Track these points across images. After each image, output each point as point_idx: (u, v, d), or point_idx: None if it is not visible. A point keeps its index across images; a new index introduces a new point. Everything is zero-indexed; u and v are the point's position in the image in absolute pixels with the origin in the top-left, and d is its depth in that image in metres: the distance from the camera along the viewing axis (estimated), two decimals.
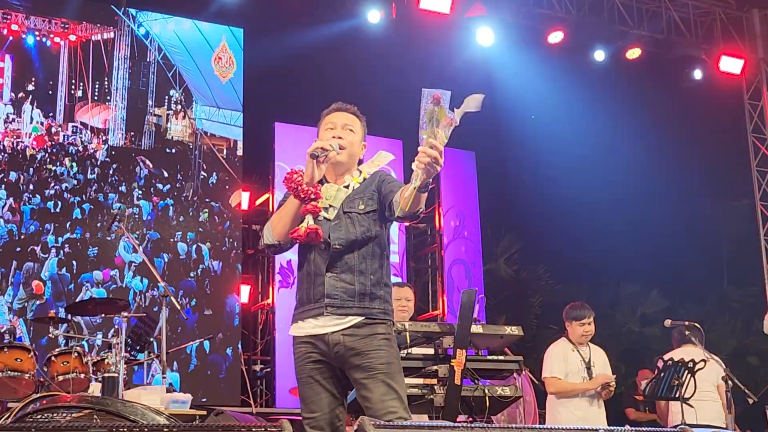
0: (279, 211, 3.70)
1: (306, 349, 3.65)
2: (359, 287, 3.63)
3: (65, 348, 7.14)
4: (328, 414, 3.62)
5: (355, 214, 3.71)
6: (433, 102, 3.25)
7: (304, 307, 3.68)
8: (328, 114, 3.92)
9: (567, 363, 6.53)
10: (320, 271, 3.64)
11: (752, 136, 12.68)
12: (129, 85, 10.45)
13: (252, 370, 10.85)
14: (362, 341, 3.58)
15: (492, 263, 14.68)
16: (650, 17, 11.90)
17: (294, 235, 3.51)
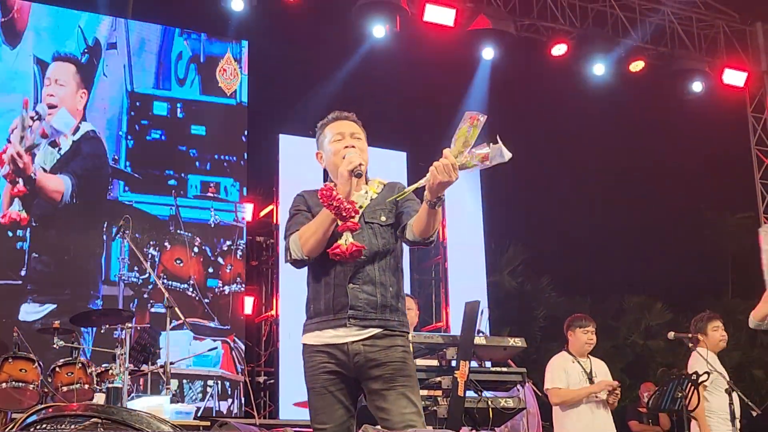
0: (309, 226, 3.60)
1: (321, 359, 3.60)
2: (380, 299, 3.60)
3: (70, 359, 7.15)
4: (339, 426, 3.58)
5: (377, 226, 3.69)
6: (469, 122, 3.25)
7: (321, 317, 3.62)
8: (329, 124, 3.87)
9: (568, 374, 6.53)
10: (342, 282, 3.59)
11: (756, 149, 12.70)
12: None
13: (256, 382, 10.85)
14: (383, 352, 3.55)
15: (496, 275, 14.67)
16: (654, 30, 11.95)
17: (336, 251, 3.46)
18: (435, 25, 10.73)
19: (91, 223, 10.19)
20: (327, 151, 3.80)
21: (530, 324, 14.76)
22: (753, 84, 12.45)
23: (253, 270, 11.47)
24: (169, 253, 10.47)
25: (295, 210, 3.78)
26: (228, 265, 10.84)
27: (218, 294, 10.63)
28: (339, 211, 3.45)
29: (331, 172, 3.78)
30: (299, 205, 3.79)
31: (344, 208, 3.45)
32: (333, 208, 3.45)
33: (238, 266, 10.87)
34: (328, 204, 3.45)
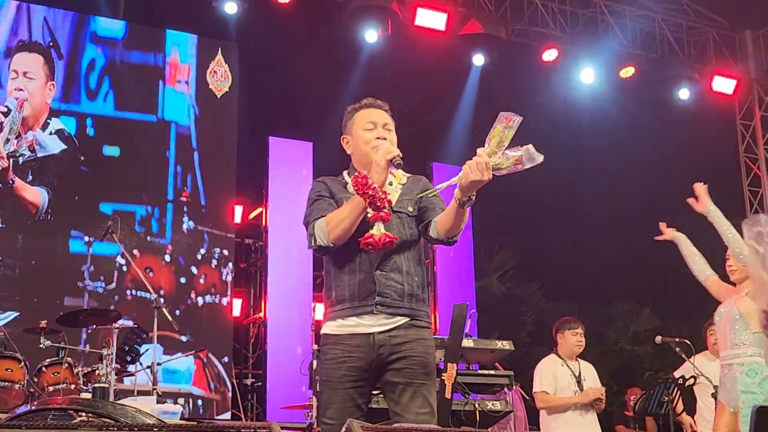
0: (339, 213, 3.51)
1: (343, 352, 3.50)
2: (407, 288, 3.54)
3: (56, 359, 7.13)
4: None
5: (405, 216, 3.63)
6: (504, 122, 3.25)
7: (345, 304, 3.54)
8: (360, 110, 3.77)
9: (557, 379, 6.54)
10: (367, 269, 3.53)
11: (744, 156, 12.77)
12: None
13: (243, 384, 10.82)
14: (408, 345, 3.49)
15: (485, 280, 14.69)
16: (644, 37, 12.00)
17: (369, 241, 3.39)
18: (426, 30, 10.75)
19: (61, 230, 9.84)
20: (356, 138, 3.72)
21: (519, 329, 14.77)
22: (742, 91, 12.52)
23: (242, 272, 11.46)
24: (139, 261, 9.83)
25: (317, 195, 3.68)
26: (202, 275, 10.47)
27: (190, 306, 10.14)
28: (374, 200, 3.38)
29: (358, 160, 3.72)
30: (321, 191, 3.69)
31: (379, 198, 3.38)
32: (368, 197, 3.37)
33: (213, 276, 10.48)
34: (363, 192, 3.36)
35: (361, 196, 3.38)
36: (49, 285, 9.64)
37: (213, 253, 10.54)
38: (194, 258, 10.43)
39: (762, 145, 12.70)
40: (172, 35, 10.81)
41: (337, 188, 3.68)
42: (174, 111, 10.66)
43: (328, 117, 12.03)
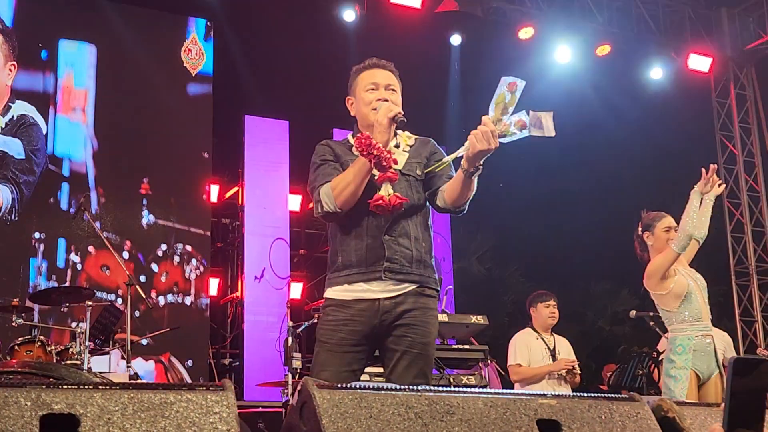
0: (344, 176, 3.41)
1: (345, 315, 3.43)
2: (416, 253, 3.47)
3: (28, 337, 7.06)
4: None
5: (413, 179, 3.55)
6: (507, 88, 3.18)
7: (352, 269, 3.45)
8: (364, 70, 3.67)
9: (531, 351, 6.56)
10: (376, 234, 3.44)
11: (720, 134, 12.81)
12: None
13: (221, 363, 10.80)
14: (412, 313, 3.43)
15: (464, 261, 14.71)
16: (620, 14, 11.98)
17: (379, 203, 3.32)
18: (402, 7, 10.69)
19: (19, 229, 9.36)
20: (358, 99, 3.64)
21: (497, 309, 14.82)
22: (717, 69, 12.55)
23: (219, 252, 11.42)
24: (94, 258, 9.43)
25: (321, 160, 3.57)
26: (163, 273, 10.05)
27: (150, 306, 9.34)
28: (379, 160, 3.29)
29: (360, 121, 3.65)
30: (325, 155, 3.59)
31: (384, 157, 3.30)
32: (373, 157, 3.29)
33: (175, 274, 10.08)
34: (368, 153, 3.28)
35: (366, 156, 3.30)
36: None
37: (175, 249, 10.18)
38: (155, 254, 10.01)
39: (737, 123, 12.74)
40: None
41: (342, 150, 3.59)
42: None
43: (304, 95, 12.01)
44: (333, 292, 3.50)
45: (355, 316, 3.42)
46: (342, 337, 3.41)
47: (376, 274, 3.42)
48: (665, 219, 5.57)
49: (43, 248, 9.38)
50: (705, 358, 5.32)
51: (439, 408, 2.33)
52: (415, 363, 3.42)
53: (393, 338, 3.43)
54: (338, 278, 3.49)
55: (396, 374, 3.42)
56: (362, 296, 3.43)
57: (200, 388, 2.09)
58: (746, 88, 12.83)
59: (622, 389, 7.21)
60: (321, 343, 3.48)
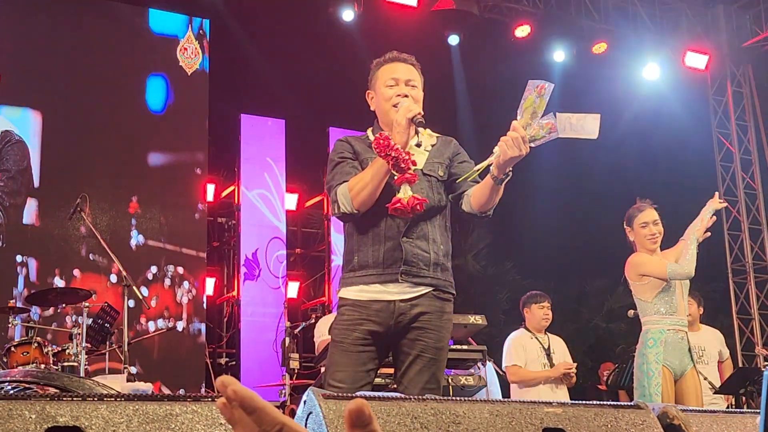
0: (362, 177, 3.36)
1: (361, 315, 3.39)
2: (433, 256, 3.45)
3: (25, 338, 7.05)
4: (355, 389, 3.36)
5: (435, 180, 3.52)
6: (535, 92, 3.15)
7: (369, 270, 3.41)
8: (384, 64, 3.62)
9: (526, 351, 6.56)
10: (394, 235, 3.41)
11: (716, 132, 12.80)
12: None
13: (217, 363, 10.78)
14: (427, 316, 3.41)
15: (460, 259, 14.69)
16: (617, 12, 11.97)
17: (397, 206, 3.25)
18: (398, 6, 10.66)
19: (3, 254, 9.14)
20: (378, 94, 3.58)
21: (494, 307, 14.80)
22: (714, 67, 12.53)
23: (215, 251, 11.39)
24: (79, 282, 9.10)
25: (340, 158, 3.52)
26: (153, 297, 9.77)
27: (140, 331, 9.21)
28: (397, 162, 3.23)
29: (380, 117, 3.60)
30: (343, 152, 3.53)
31: (402, 159, 3.23)
32: (390, 159, 3.23)
33: (166, 297, 9.85)
34: (386, 154, 3.22)
35: (384, 158, 3.24)
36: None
37: (166, 272, 9.93)
38: (144, 277, 9.74)
39: (734, 120, 12.74)
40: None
41: (362, 148, 3.53)
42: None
43: (300, 94, 11.99)
44: (348, 292, 3.46)
45: (371, 316, 3.39)
46: (357, 336, 3.38)
47: (393, 276, 3.40)
48: (642, 214, 5.56)
49: (25, 272, 9.21)
50: (676, 353, 5.31)
51: (445, 418, 2.31)
52: (427, 368, 3.41)
53: (407, 341, 3.42)
54: (353, 278, 3.45)
55: (408, 378, 3.41)
56: (378, 297, 3.40)
57: (205, 399, 2.07)
58: (743, 86, 12.83)
59: (621, 389, 7.22)
60: (336, 343, 3.44)
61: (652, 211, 5.52)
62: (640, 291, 5.43)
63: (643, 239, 5.46)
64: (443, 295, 3.48)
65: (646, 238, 5.45)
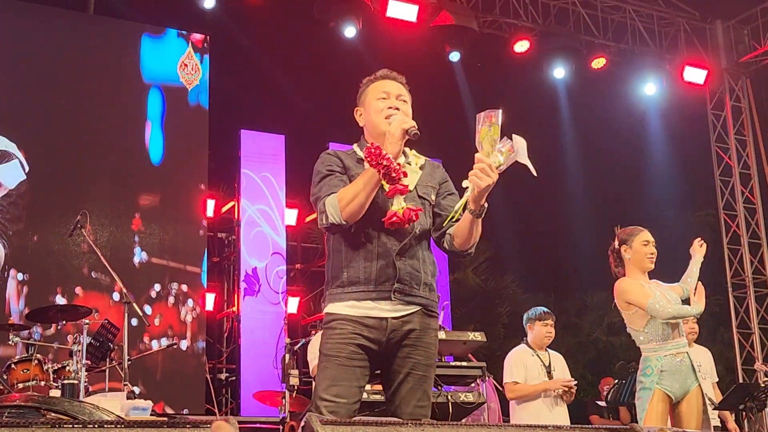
0: (351, 188, 3.32)
1: (354, 329, 3.35)
2: (423, 276, 3.44)
3: (25, 355, 7.05)
4: (352, 404, 3.32)
5: (428, 204, 3.51)
6: (485, 122, 3.17)
7: (359, 287, 3.37)
8: (376, 81, 3.62)
9: (527, 368, 6.55)
10: (388, 253, 3.38)
11: (715, 146, 12.83)
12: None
13: (217, 378, 10.78)
14: (417, 334, 3.40)
15: (460, 272, 14.71)
16: (615, 27, 12.03)
17: (393, 220, 3.26)
18: (398, 21, 10.70)
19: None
20: (368, 108, 3.58)
21: (494, 321, 14.81)
22: (713, 81, 12.57)
23: (215, 266, 11.39)
24: (82, 301, 8.98)
25: (328, 170, 3.47)
26: (157, 316, 9.75)
27: (143, 350, 9.02)
28: (389, 171, 3.21)
29: (369, 131, 3.58)
30: (332, 165, 3.49)
31: (394, 169, 3.21)
32: (382, 168, 3.20)
33: (171, 316, 9.86)
34: (377, 164, 3.20)
35: (375, 167, 3.22)
36: None
37: (170, 290, 9.94)
38: (147, 296, 9.75)
39: (733, 135, 12.77)
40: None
41: (351, 162, 3.50)
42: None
43: (300, 110, 12.03)
44: (338, 307, 3.41)
45: (363, 332, 3.35)
46: (352, 350, 3.34)
47: (385, 293, 3.37)
48: (643, 233, 5.58)
49: (26, 290, 9.23)
50: (676, 377, 5.28)
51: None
52: (419, 385, 3.40)
53: (398, 358, 3.40)
54: (343, 294, 3.41)
55: (399, 396, 3.40)
56: (370, 314, 3.37)
57: (205, 425, 2.08)
58: (741, 100, 12.87)
59: (621, 405, 7.21)
60: (329, 357, 3.36)
61: (647, 232, 5.57)
62: (630, 320, 5.44)
63: (642, 257, 5.47)
64: (431, 313, 3.49)
65: (646, 256, 5.47)
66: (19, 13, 9.92)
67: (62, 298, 9.21)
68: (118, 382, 6.93)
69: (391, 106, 3.51)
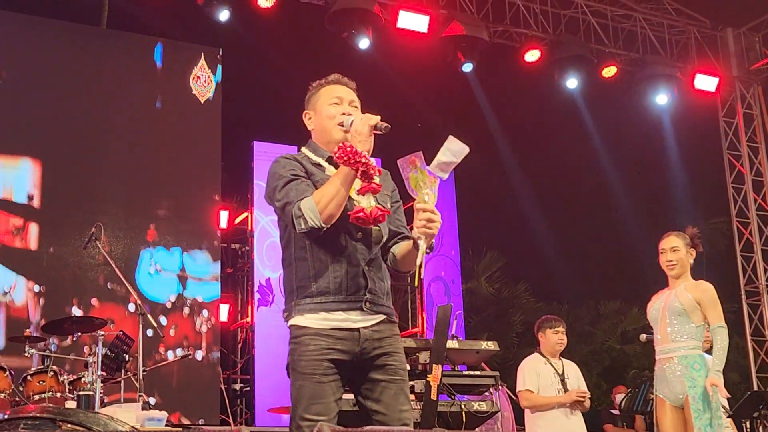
0: (327, 189, 3.23)
1: (327, 344, 3.29)
2: (386, 285, 3.45)
3: (41, 367, 7.12)
4: (332, 419, 3.28)
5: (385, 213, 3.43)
6: (410, 168, 3.16)
7: (329, 297, 3.31)
8: (327, 85, 3.57)
9: (540, 377, 6.55)
10: (357, 262, 3.34)
11: (728, 154, 12.82)
12: None
13: (232, 389, 10.82)
14: (389, 340, 3.38)
15: (473, 282, 14.72)
16: (626, 36, 12.05)
17: (359, 215, 3.19)
18: (409, 32, 10.75)
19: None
20: (319, 113, 3.52)
21: (507, 330, 14.81)
22: (724, 89, 12.58)
23: (229, 277, 11.44)
24: (97, 311, 9.09)
25: (293, 175, 3.36)
26: (172, 326, 9.82)
27: (159, 361, 8.99)
28: (367, 169, 3.17)
29: (318, 136, 3.53)
30: (295, 170, 3.38)
31: (371, 167, 3.16)
32: (361, 166, 3.15)
33: (186, 326, 9.88)
34: (355, 161, 3.15)
35: (352, 166, 3.16)
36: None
37: (185, 301, 10.01)
38: (163, 306, 9.81)
39: (745, 142, 12.76)
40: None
41: (311, 168, 3.41)
42: None
43: None
44: (308, 320, 3.33)
45: (336, 345, 3.30)
46: (327, 366, 3.29)
47: (356, 304, 3.33)
48: (661, 241, 5.72)
49: (42, 302, 9.30)
50: (664, 383, 5.50)
51: None
52: (401, 390, 3.40)
53: (375, 367, 3.38)
54: (312, 305, 3.33)
55: (384, 404, 3.36)
56: (342, 325, 3.31)
57: None
58: (753, 107, 12.86)
59: (635, 413, 7.21)
60: (305, 375, 3.31)
61: (672, 237, 5.65)
62: (690, 311, 5.57)
63: (662, 266, 5.64)
64: (394, 320, 3.49)
65: (663, 264, 5.60)
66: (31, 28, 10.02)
67: (78, 310, 9.26)
68: (134, 393, 6.97)
69: (344, 112, 3.46)
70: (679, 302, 5.51)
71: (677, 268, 5.64)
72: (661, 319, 5.58)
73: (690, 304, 5.48)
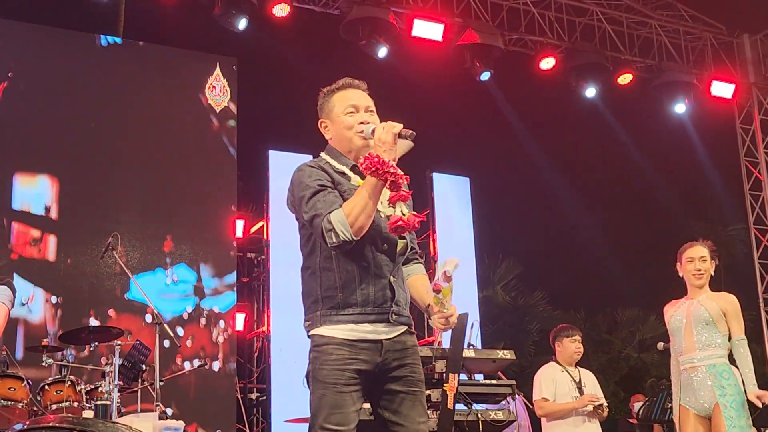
0: (356, 202, 3.18)
1: (350, 354, 3.27)
2: (408, 296, 3.44)
3: (59, 377, 7.13)
4: (351, 430, 3.26)
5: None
6: (444, 281, 3.18)
7: (356, 309, 3.29)
8: (339, 91, 3.52)
9: (557, 385, 6.53)
10: (383, 274, 3.32)
11: (745, 160, 12.75)
12: None
13: (248, 398, 10.82)
14: (408, 351, 3.38)
15: (489, 290, 14.71)
16: (641, 43, 12.01)
17: (399, 224, 3.16)
18: (424, 41, 10.76)
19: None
20: (337, 123, 3.46)
21: (524, 338, 14.79)
22: (741, 96, 12.51)
23: (245, 286, 11.46)
24: (115, 322, 9.12)
25: (320, 186, 3.30)
26: (189, 337, 9.87)
27: (176, 371, 8.91)
28: (395, 178, 3.12)
29: (338, 144, 3.47)
30: (321, 179, 3.33)
31: (399, 176, 3.12)
32: (389, 176, 3.11)
33: (202, 337, 9.96)
34: (383, 171, 3.10)
35: (380, 176, 3.12)
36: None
37: (202, 311, 10.08)
38: (179, 317, 9.90)
39: (762, 149, 12.68)
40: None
41: (337, 177, 3.36)
42: None
43: None
44: (335, 330, 3.31)
45: (360, 355, 3.28)
46: (350, 376, 3.27)
47: (383, 316, 3.32)
48: (691, 249, 5.68)
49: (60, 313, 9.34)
50: (689, 391, 5.44)
51: None
52: (419, 401, 3.39)
53: (394, 380, 3.37)
54: (339, 316, 3.31)
55: (402, 416, 3.36)
56: (368, 337, 3.30)
57: None
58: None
59: (653, 422, 7.17)
60: (327, 384, 3.28)
61: (699, 247, 5.61)
62: (716, 321, 5.54)
63: (688, 274, 5.60)
64: (413, 331, 3.48)
65: (691, 273, 5.57)
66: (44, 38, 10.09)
67: (95, 320, 9.31)
68: (151, 403, 6.98)
69: (362, 121, 3.41)
70: (706, 311, 5.48)
71: (705, 278, 5.63)
72: (686, 328, 5.53)
73: (717, 313, 5.45)
